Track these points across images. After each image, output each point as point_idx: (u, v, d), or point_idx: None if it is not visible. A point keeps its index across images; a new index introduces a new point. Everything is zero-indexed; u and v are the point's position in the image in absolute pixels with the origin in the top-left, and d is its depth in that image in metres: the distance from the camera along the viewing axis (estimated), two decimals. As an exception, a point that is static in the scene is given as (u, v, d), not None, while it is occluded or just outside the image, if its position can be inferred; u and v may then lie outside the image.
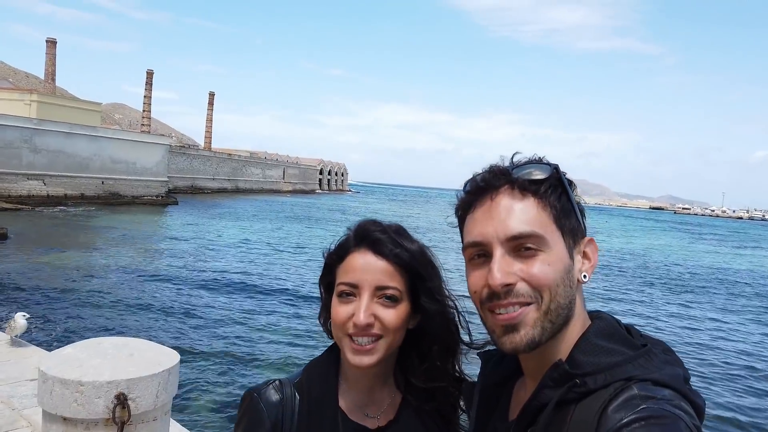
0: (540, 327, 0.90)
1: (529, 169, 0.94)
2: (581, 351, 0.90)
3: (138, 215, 39.92)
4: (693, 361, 13.29)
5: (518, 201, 0.92)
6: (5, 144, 37.86)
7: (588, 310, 0.98)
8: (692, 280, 29.01)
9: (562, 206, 0.93)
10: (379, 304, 1.15)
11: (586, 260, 0.96)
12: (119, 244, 25.36)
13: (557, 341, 0.93)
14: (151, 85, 71.54)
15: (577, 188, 0.98)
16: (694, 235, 77.76)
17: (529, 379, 1.00)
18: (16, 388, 4.54)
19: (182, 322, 13.81)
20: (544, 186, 0.93)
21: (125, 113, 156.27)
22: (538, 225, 0.91)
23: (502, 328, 0.91)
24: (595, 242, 0.97)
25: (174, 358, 2.57)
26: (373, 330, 1.14)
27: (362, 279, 1.15)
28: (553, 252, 0.91)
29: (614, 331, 0.93)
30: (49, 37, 63.63)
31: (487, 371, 1.09)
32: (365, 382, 1.24)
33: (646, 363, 0.86)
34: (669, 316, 19.23)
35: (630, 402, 0.80)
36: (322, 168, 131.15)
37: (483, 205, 0.95)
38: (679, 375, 0.85)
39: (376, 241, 1.18)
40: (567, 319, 0.92)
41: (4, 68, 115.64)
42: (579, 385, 0.86)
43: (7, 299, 14.51)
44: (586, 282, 0.95)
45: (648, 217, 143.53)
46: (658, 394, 0.80)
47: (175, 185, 61.39)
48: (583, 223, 0.97)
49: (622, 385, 0.83)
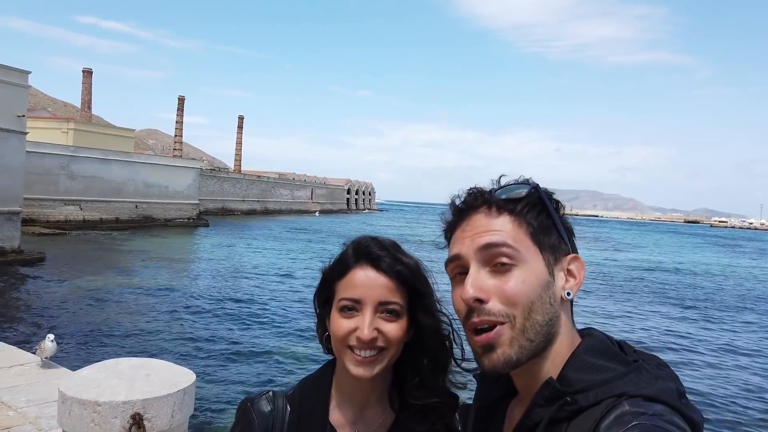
0: (517, 346, 0.89)
1: (508, 188, 0.96)
2: (572, 368, 0.89)
3: (170, 238, 40.70)
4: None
5: (494, 219, 0.94)
6: (44, 171, 39.12)
7: (579, 328, 0.97)
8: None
9: (540, 223, 0.94)
10: (381, 319, 1.17)
11: (571, 278, 0.95)
12: (150, 267, 25.86)
13: (544, 359, 0.92)
14: (183, 110, 73.42)
15: (564, 208, 0.99)
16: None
17: (522, 399, 0.99)
18: (43, 408, 4.64)
19: (203, 343, 14.00)
20: (520, 205, 0.94)
21: (158, 138, 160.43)
22: (511, 238, 0.92)
23: (481, 348, 0.91)
24: (580, 260, 0.97)
25: (189, 378, 2.59)
26: (377, 343, 1.16)
27: (365, 295, 1.17)
28: (529, 267, 0.91)
29: (605, 347, 0.91)
30: (86, 68, 66.12)
31: (482, 392, 1.09)
32: (359, 397, 1.25)
33: (637, 379, 0.84)
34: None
35: (621, 419, 0.78)
36: (350, 187, 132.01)
37: (461, 224, 0.98)
38: (672, 390, 0.83)
39: (376, 257, 1.20)
40: (549, 337, 0.91)
41: (44, 98, 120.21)
42: (570, 402, 0.84)
43: (40, 321, 14.90)
44: (570, 299, 0.94)
45: (684, 231, 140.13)
46: (649, 410, 0.78)
47: (206, 207, 62.51)
48: (569, 241, 0.97)
49: (613, 402, 0.81)
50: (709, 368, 14.49)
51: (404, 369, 1.27)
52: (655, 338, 17.41)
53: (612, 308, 22.33)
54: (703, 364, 14.90)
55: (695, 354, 15.92)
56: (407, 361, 1.26)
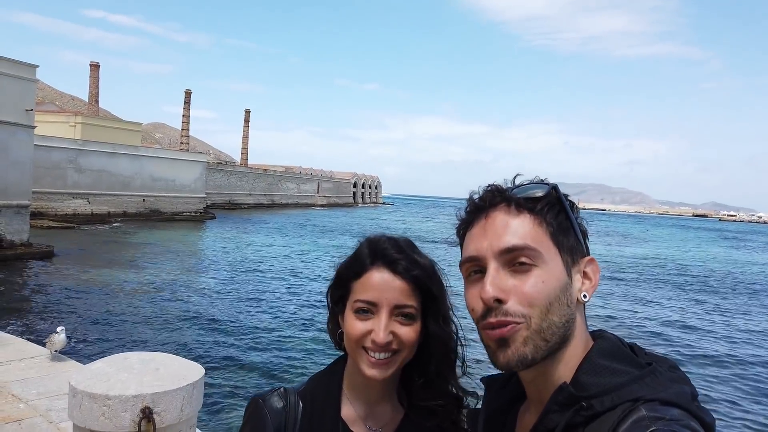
0: (532, 345, 0.88)
1: (526, 187, 0.95)
2: (586, 372, 0.88)
3: (177, 231, 40.86)
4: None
5: (514, 217, 0.93)
6: (52, 165, 39.32)
7: (590, 330, 0.96)
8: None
9: (560, 224, 0.93)
10: (396, 322, 1.18)
11: (587, 280, 0.94)
12: (158, 260, 25.99)
13: (557, 362, 0.91)
14: (189, 104, 73.41)
15: (579, 210, 0.98)
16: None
17: (533, 404, 0.97)
18: (54, 401, 4.67)
19: (212, 336, 14.07)
20: (540, 204, 0.93)
21: (165, 132, 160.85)
22: (532, 239, 0.90)
23: (495, 343, 0.90)
24: (596, 263, 0.96)
25: (198, 372, 2.59)
26: (392, 346, 1.18)
27: (381, 298, 1.18)
28: (549, 268, 0.90)
29: (618, 350, 0.90)
30: (93, 61, 66.12)
31: (491, 397, 1.08)
32: (370, 394, 1.27)
33: (653, 382, 0.83)
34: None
35: (639, 424, 0.77)
36: (356, 181, 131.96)
37: (479, 222, 0.96)
38: (687, 393, 0.82)
39: (393, 260, 1.21)
40: (564, 339, 0.90)
41: (52, 92, 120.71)
42: (586, 408, 0.83)
43: (49, 314, 15.02)
44: (586, 302, 0.94)
45: (692, 226, 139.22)
46: (666, 415, 0.77)
47: (212, 201, 62.69)
48: (584, 243, 0.96)
49: (629, 407, 0.80)
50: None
51: (411, 370, 1.27)
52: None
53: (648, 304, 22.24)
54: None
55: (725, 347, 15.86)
56: (415, 363, 1.26)
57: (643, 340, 16.04)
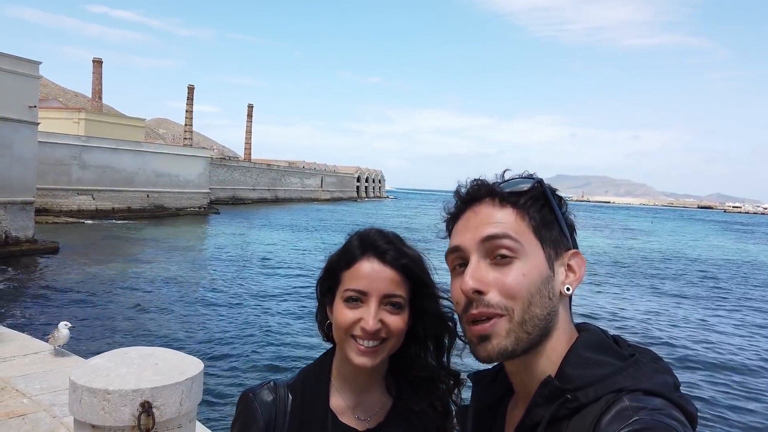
0: (514, 337, 0.89)
1: (512, 182, 0.97)
2: (570, 365, 0.88)
3: (181, 227, 40.97)
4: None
5: (497, 210, 0.94)
6: (56, 161, 39.44)
7: (575, 323, 0.97)
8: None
9: (543, 217, 0.94)
10: (385, 311, 1.21)
11: (571, 273, 0.95)
12: (161, 256, 26.08)
13: (539, 355, 0.92)
14: (192, 99, 73.40)
15: (566, 204, 0.99)
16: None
17: (520, 398, 0.98)
18: (57, 396, 4.70)
19: (213, 331, 14.14)
20: (524, 198, 0.95)
21: (169, 128, 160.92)
22: (513, 230, 0.92)
23: (477, 338, 0.91)
24: (581, 255, 0.97)
25: (198, 367, 2.61)
26: (380, 334, 1.20)
27: (371, 287, 1.21)
28: (530, 261, 0.91)
29: (602, 342, 0.91)
30: (96, 57, 66.16)
31: (479, 393, 1.08)
32: (358, 383, 1.29)
33: (636, 373, 0.84)
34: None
35: (622, 414, 0.78)
36: (360, 175, 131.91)
37: (465, 215, 0.98)
38: (669, 383, 0.83)
39: (383, 250, 1.24)
40: (546, 331, 0.91)
41: (55, 88, 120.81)
42: (571, 400, 0.84)
43: (53, 309, 15.11)
44: (569, 294, 0.94)
45: (697, 217, 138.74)
46: (649, 404, 0.78)
47: (216, 196, 62.76)
48: (570, 237, 0.97)
49: (613, 397, 0.81)
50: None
51: (407, 345, 1.30)
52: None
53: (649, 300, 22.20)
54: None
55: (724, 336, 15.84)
56: (410, 339, 1.30)
57: (653, 337, 16.04)
